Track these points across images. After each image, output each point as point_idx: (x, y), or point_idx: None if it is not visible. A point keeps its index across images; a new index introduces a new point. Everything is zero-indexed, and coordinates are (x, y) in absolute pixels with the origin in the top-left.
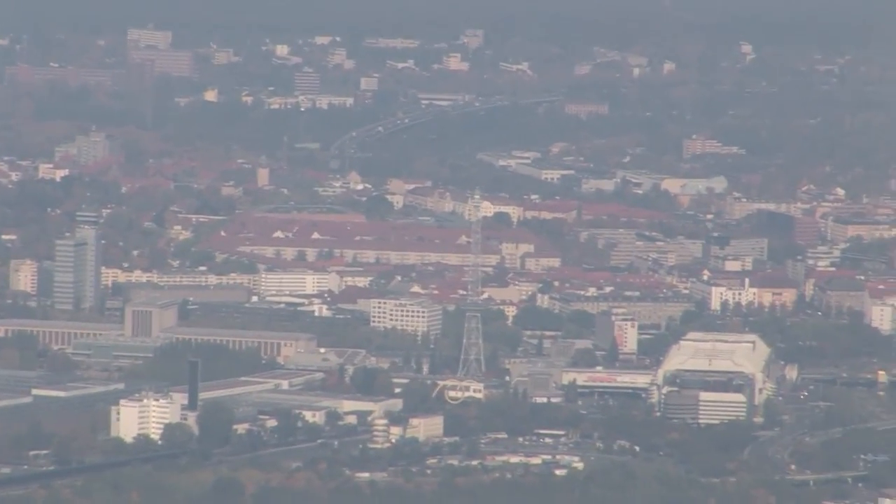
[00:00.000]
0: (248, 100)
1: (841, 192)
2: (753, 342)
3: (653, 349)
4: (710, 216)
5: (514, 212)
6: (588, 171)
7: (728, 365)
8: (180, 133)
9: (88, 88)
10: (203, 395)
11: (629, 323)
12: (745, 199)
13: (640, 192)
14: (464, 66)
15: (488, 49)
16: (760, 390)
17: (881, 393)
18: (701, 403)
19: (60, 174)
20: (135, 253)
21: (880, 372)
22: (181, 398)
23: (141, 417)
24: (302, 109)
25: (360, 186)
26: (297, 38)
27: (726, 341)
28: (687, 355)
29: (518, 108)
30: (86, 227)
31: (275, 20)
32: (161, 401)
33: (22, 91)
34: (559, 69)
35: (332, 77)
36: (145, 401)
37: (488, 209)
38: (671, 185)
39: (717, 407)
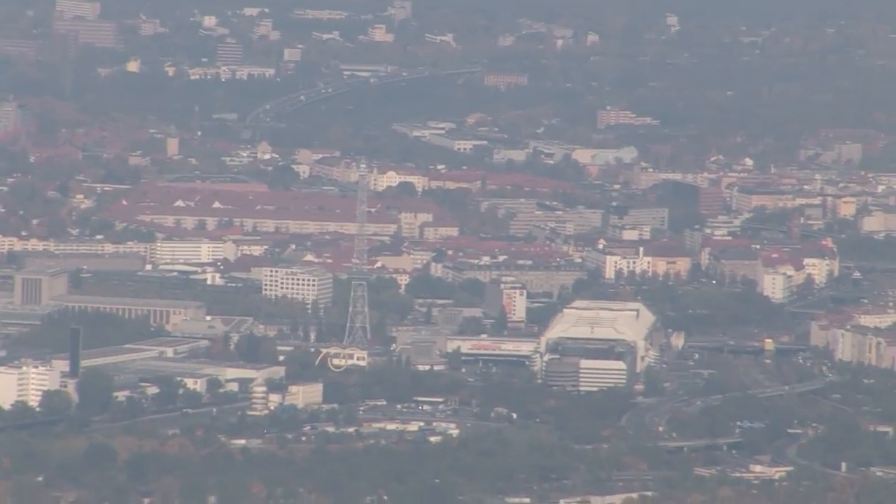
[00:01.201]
0: (171, 70)
1: (749, 162)
2: (637, 310)
3: (542, 317)
4: (616, 186)
5: (419, 182)
6: (501, 142)
7: (610, 333)
8: (98, 103)
9: (11, 58)
10: (86, 363)
11: (518, 291)
12: (652, 169)
13: (551, 162)
14: (389, 38)
15: (415, 21)
16: (642, 358)
17: (767, 361)
18: (581, 371)
19: None
20: (35, 222)
21: (767, 340)
22: (63, 365)
23: (20, 385)
24: (223, 80)
25: (267, 156)
26: (225, 10)
27: (610, 309)
28: (570, 323)
29: (438, 79)
30: None
31: None
32: (40, 368)
33: None
34: (483, 40)
35: (256, 48)
36: (24, 368)
37: (393, 179)
38: (582, 155)
39: (597, 374)
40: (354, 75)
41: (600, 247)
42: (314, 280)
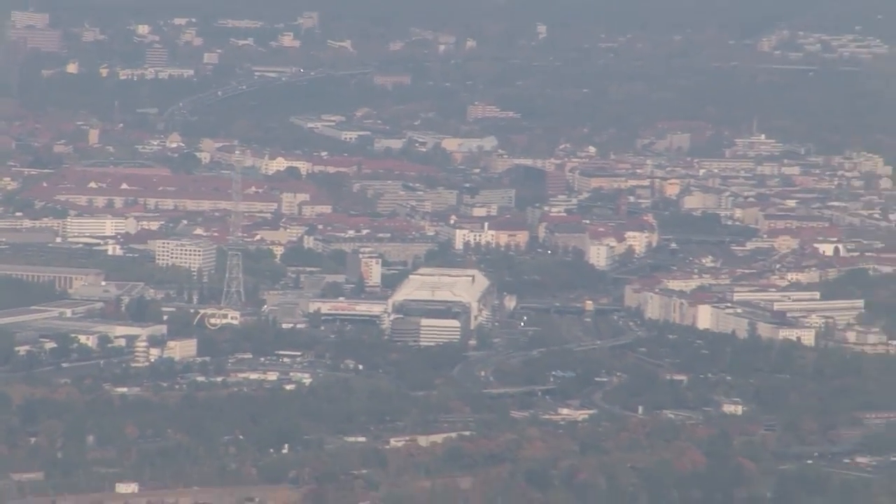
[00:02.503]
0: (104, 72)
1: (592, 150)
2: (473, 276)
3: (396, 283)
4: (476, 170)
5: (304, 166)
6: (382, 133)
7: (448, 295)
8: (38, 100)
9: None
10: None
11: (374, 260)
12: (507, 156)
13: (423, 150)
14: (296, 44)
15: (319, 29)
16: (476, 317)
17: (587, 319)
18: (421, 328)
19: None
20: None
21: (588, 302)
22: None
23: None
24: (148, 80)
25: (174, 145)
26: (158, 20)
27: (449, 275)
28: (414, 287)
29: (334, 78)
30: None
31: (144, 4)
32: None
33: None
34: (377, 46)
35: (181, 52)
36: None
37: (281, 164)
38: (449, 144)
39: (435, 331)
40: (264, 76)
41: (451, 222)
42: (199, 250)
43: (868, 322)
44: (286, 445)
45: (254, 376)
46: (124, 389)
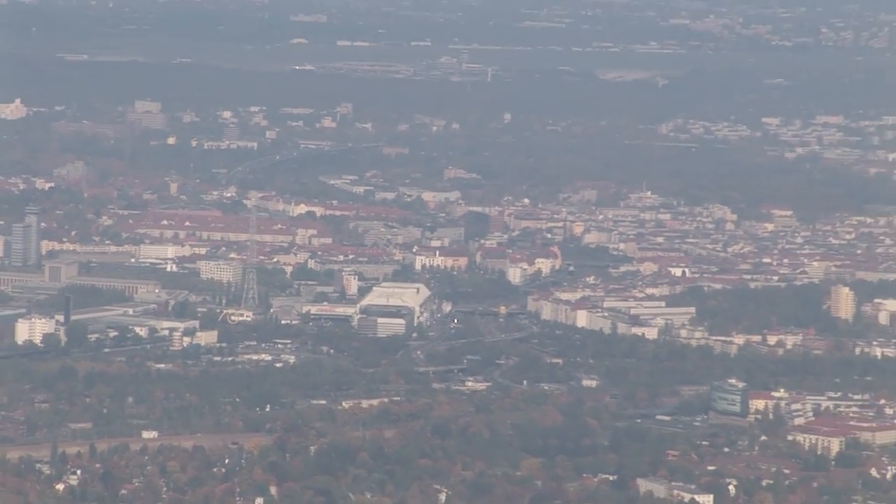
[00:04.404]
0: (195, 143)
1: (527, 200)
2: (418, 288)
3: (365, 293)
4: (442, 215)
5: (318, 210)
6: (382, 188)
7: (399, 301)
8: (142, 163)
9: None
10: (75, 317)
11: (353, 276)
12: (464, 204)
13: (409, 200)
14: (333, 125)
15: (352, 114)
16: (418, 318)
17: (500, 320)
18: (378, 325)
19: None
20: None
21: (502, 307)
22: (60, 319)
23: (30, 329)
24: (223, 149)
25: (230, 194)
26: (239, 107)
27: (401, 288)
28: (376, 295)
29: (356, 150)
30: None
31: (230, 96)
32: (44, 319)
33: None
34: (389, 126)
35: (251, 130)
36: (33, 319)
37: (303, 209)
38: (427, 196)
39: (388, 327)
40: (307, 147)
41: (413, 250)
42: (230, 268)
43: (696, 323)
44: (268, 406)
45: (255, 357)
46: (161, 365)
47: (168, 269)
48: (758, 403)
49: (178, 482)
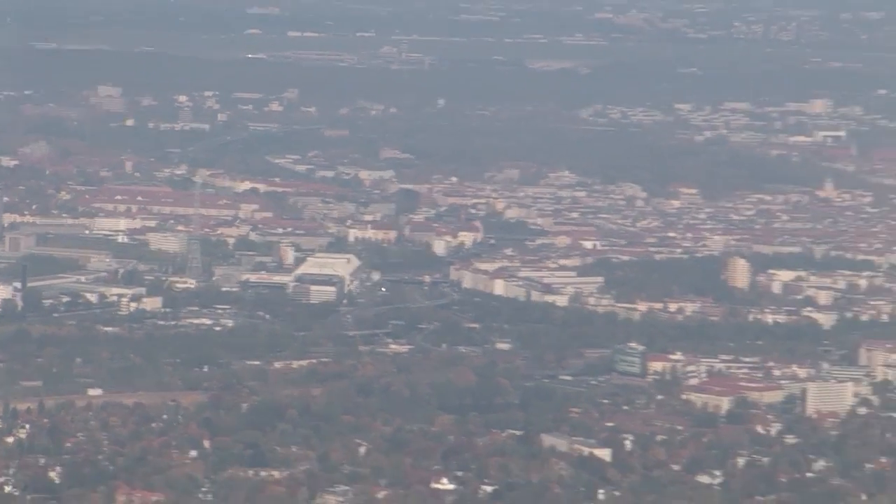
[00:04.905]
0: (151, 125)
1: (455, 179)
2: (349, 258)
3: (300, 263)
4: (377, 192)
5: (262, 187)
6: (322, 167)
7: (331, 271)
8: (102, 144)
9: None
10: (31, 284)
11: (290, 248)
12: (397, 182)
13: (347, 178)
14: (280, 108)
15: (298, 99)
16: (348, 286)
17: (425, 288)
18: (311, 292)
19: None
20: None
21: (426, 276)
22: (18, 285)
23: None
24: (177, 130)
25: (180, 172)
26: (194, 92)
27: (333, 258)
28: (310, 266)
29: (300, 132)
30: None
31: (188, 82)
32: (2, 286)
33: None
34: (332, 110)
35: (204, 113)
36: None
37: (247, 185)
38: (364, 174)
39: (320, 294)
40: (256, 129)
41: (347, 224)
42: (176, 239)
43: (604, 291)
44: (206, 366)
45: (196, 321)
46: (108, 329)
47: (119, 240)
48: (656, 365)
49: (119, 436)
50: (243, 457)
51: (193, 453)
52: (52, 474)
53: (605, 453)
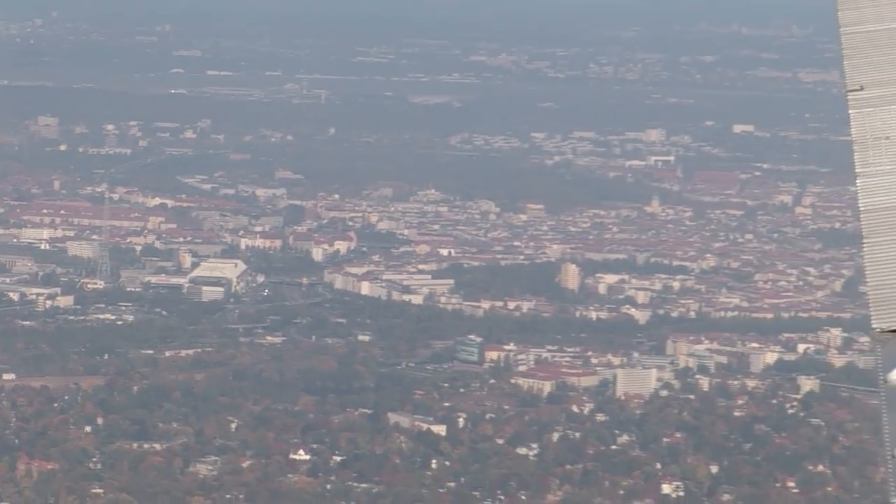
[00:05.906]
0: (81, 150)
1: (337, 196)
2: (237, 263)
3: (195, 267)
4: (269, 207)
5: (170, 203)
6: (225, 185)
7: (220, 274)
8: (40, 167)
9: None
10: None
11: (188, 254)
12: (287, 198)
13: (245, 195)
14: (194, 136)
15: (210, 129)
16: (235, 287)
17: (303, 289)
18: (203, 292)
19: None
20: None
21: (304, 279)
22: None
23: None
24: (103, 154)
25: (100, 189)
26: (122, 122)
27: (223, 263)
28: (203, 269)
29: (210, 155)
30: None
31: (118, 113)
32: None
33: None
34: (237, 138)
35: (128, 139)
36: None
37: (157, 201)
38: (260, 192)
39: (210, 294)
40: (171, 154)
41: (239, 234)
42: (90, 247)
43: (454, 292)
44: (106, 354)
45: (101, 316)
46: (25, 323)
47: (42, 247)
48: (492, 355)
49: (25, 414)
50: (130, 432)
51: (88, 429)
52: None
53: (441, 429)
